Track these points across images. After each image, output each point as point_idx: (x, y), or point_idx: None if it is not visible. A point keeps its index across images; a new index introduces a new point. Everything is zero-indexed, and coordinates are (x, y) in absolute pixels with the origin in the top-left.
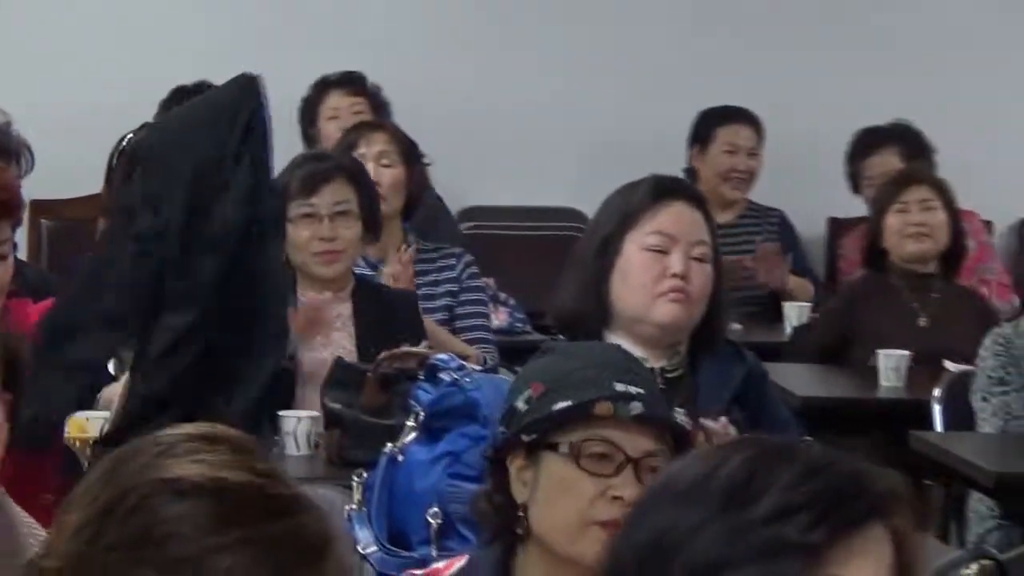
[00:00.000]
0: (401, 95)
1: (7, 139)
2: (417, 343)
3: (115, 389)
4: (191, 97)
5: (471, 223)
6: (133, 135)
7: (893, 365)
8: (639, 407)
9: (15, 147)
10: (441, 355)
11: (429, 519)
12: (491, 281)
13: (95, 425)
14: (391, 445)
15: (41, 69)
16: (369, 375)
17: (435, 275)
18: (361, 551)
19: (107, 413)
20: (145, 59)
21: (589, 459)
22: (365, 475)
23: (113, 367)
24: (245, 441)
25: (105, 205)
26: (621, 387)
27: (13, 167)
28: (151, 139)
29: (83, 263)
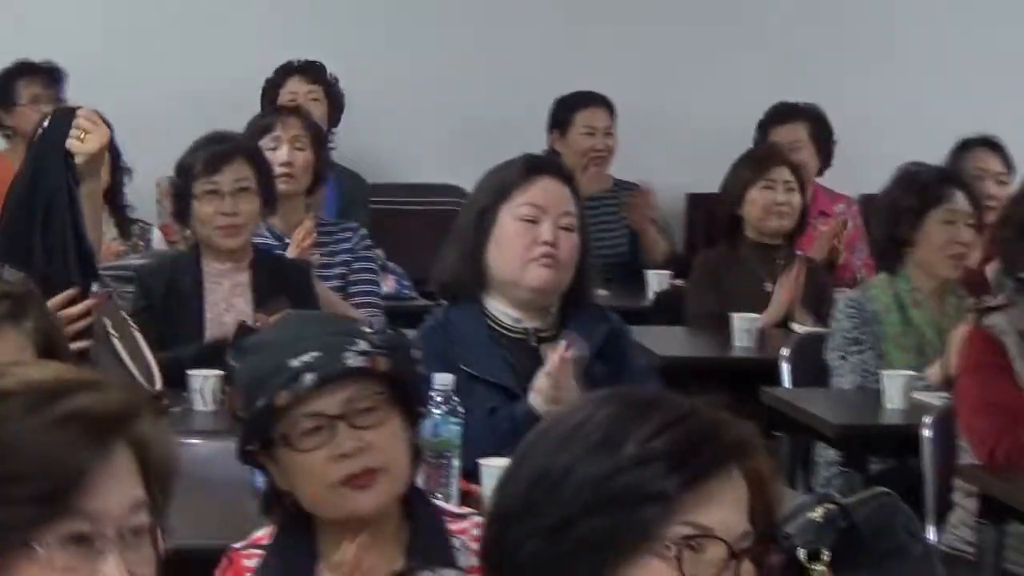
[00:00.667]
0: None
1: None
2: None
3: None
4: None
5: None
6: None
7: (745, 327)
8: (311, 377)
9: None
10: None
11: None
12: (380, 251)
13: None
14: None
15: None
16: None
17: (333, 247)
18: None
19: None
20: None
21: (302, 438)
22: None
23: None
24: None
25: None
26: (294, 362)
27: None
28: None
29: None
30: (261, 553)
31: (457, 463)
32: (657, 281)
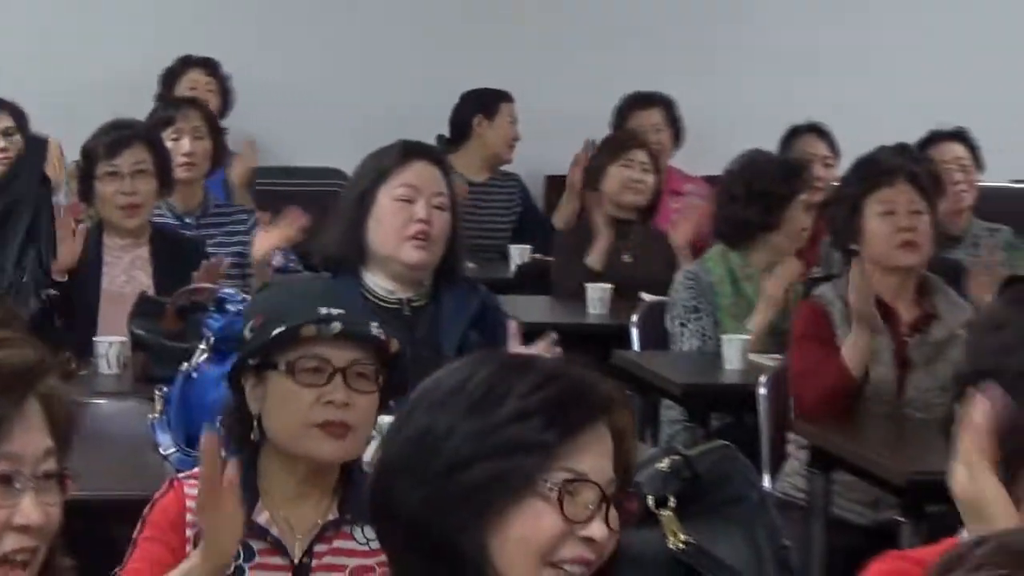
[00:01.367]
0: None
1: None
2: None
3: None
4: None
5: (256, 180)
6: None
7: (598, 296)
8: (339, 326)
9: None
10: (228, 290)
11: (218, 425)
12: (267, 215)
13: None
14: (186, 364)
15: None
16: (168, 306)
17: (229, 228)
18: (163, 453)
19: None
20: None
21: (304, 373)
22: (165, 389)
23: None
24: None
25: None
26: (324, 311)
27: None
28: None
29: None
30: None
31: None
32: (519, 254)
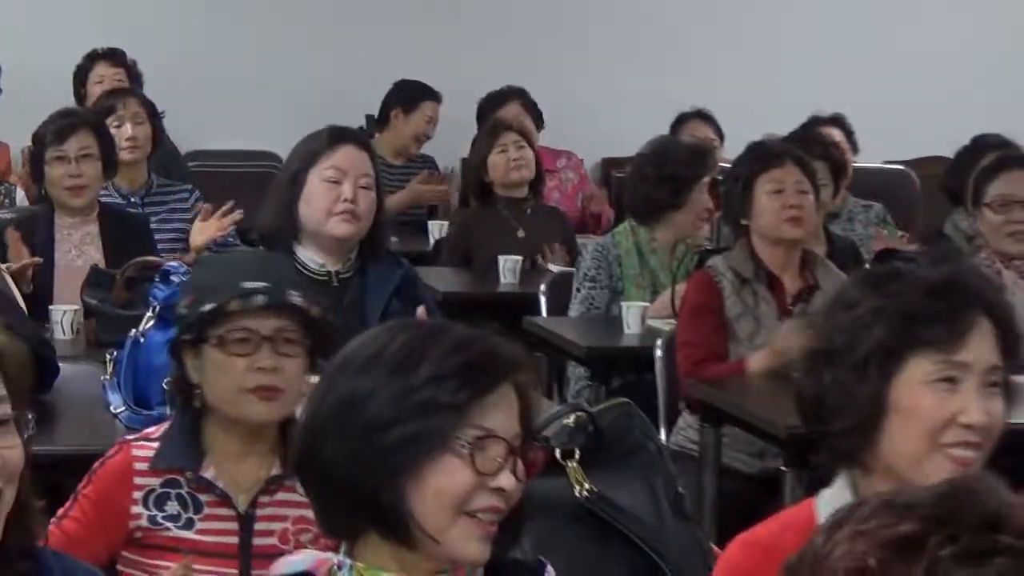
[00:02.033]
0: (142, 64)
1: None
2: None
3: None
4: None
5: (195, 162)
6: None
7: (510, 267)
8: (262, 299)
9: None
10: (172, 262)
11: (164, 387)
12: (209, 207)
13: None
14: (135, 330)
15: None
16: (117, 277)
17: (172, 205)
18: (113, 411)
19: None
20: None
21: (234, 344)
22: (115, 353)
23: None
24: None
25: None
26: (248, 284)
27: None
28: None
29: None
30: (152, 445)
31: None
32: (437, 229)
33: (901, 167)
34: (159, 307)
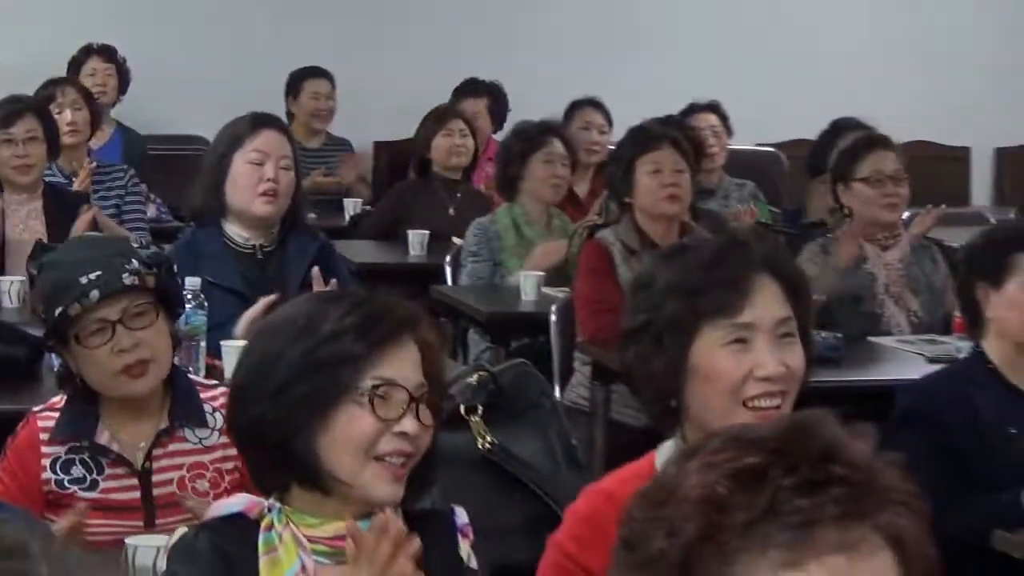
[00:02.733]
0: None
1: None
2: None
3: None
4: None
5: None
6: None
7: (419, 241)
8: (97, 294)
9: None
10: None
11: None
12: (144, 186)
13: None
14: None
15: None
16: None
17: (109, 183)
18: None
19: None
20: None
21: (91, 337)
22: None
23: None
24: None
25: None
26: (83, 279)
27: None
28: None
29: None
30: (55, 416)
31: (203, 345)
32: (352, 206)
33: (771, 149)
34: None
